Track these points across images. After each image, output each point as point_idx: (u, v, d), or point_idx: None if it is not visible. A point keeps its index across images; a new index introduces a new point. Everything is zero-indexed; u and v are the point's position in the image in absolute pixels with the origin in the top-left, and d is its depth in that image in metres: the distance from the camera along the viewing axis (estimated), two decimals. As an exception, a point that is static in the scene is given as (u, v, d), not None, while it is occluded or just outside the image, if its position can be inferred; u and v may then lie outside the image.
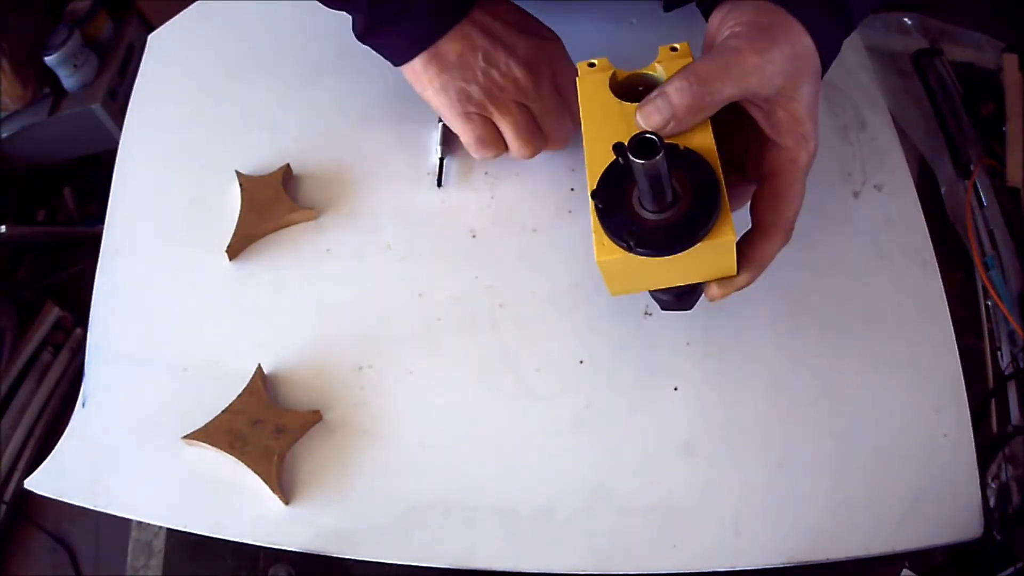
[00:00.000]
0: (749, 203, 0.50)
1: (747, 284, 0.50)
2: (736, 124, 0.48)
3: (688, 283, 0.49)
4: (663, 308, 0.54)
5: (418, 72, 0.57)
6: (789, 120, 0.46)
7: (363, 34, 0.57)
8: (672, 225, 0.43)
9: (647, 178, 0.41)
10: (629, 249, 0.43)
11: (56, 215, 1.55)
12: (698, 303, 0.54)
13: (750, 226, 0.49)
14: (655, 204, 0.43)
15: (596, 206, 0.44)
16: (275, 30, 0.76)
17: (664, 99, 0.44)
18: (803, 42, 0.46)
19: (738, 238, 0.45)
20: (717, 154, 0.45)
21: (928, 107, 0.79)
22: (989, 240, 0.71)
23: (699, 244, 0.43)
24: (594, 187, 0.45)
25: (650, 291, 0.52)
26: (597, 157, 0.46)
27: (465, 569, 0.52)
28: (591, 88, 0.49)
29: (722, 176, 0.44)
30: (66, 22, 1.48)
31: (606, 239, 0.44)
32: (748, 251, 0.49)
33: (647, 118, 0.45)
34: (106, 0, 1.57)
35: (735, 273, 0.48)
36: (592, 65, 0.50)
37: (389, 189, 0.66)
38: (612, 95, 0.48)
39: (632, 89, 0.48)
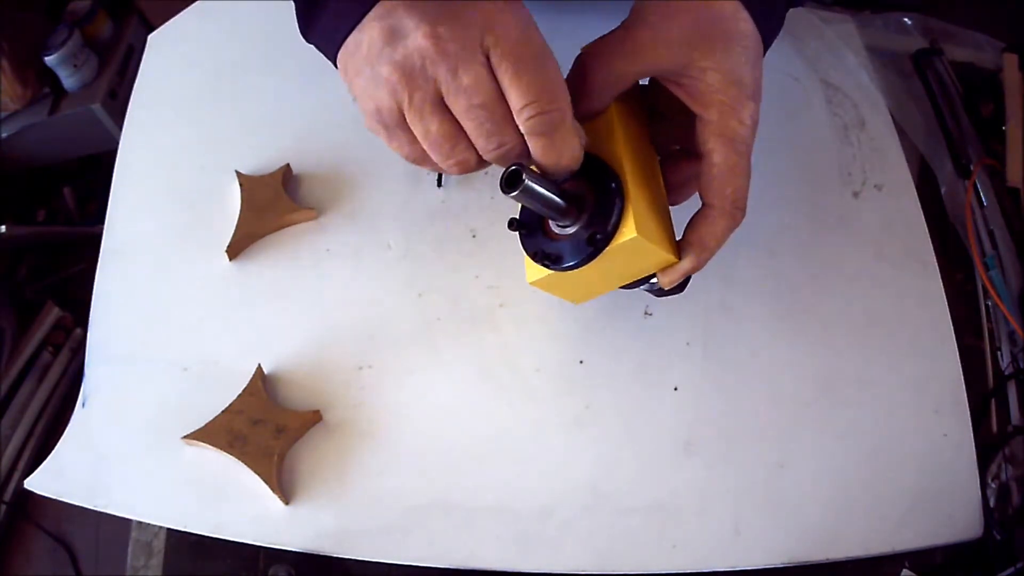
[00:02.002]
0: None
1: (693, 268, 0.47)
2: (673, 107, 0.46)
3: (636, 278, 0.49)
4: (657, 296, 0.54)
5: (345, 68, 0.45)
6: (709, 92, 0.44)
7: (303, 32, 0.48)
8: (580, 236, 0.44)
9: (531, 203, 0.42)
10: (548, 267, 0.45)
11: (56, 215, 1.55)
12: (699, 302, 0.54)
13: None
14: (560, 221, 0.44)
15: (519, 233, 0.46)
16: (275, 30, 0.76)
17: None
18: (715, 8, 0.43)
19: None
20: (626, 148, 0.45)
21: (928, 107, 0.78)
22: (989, 240, 0.71)
23: (607, 249, 0.43)
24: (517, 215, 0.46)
25: (634, 288, 0.52)
26: None
27: (465, 569, 0.52)
28: None
29: (631, 174, 0.44)
30: (66, 22, 1.48)
31: (532, 261, 0.46)
32: (688, 233, 0.47)
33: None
34: (106, 0, 1.57)
35: (675, 260, 0.47)
36: None
37: (389, 189, 0.66)
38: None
39: None
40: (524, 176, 0.39)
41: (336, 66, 0.46)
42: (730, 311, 0.59)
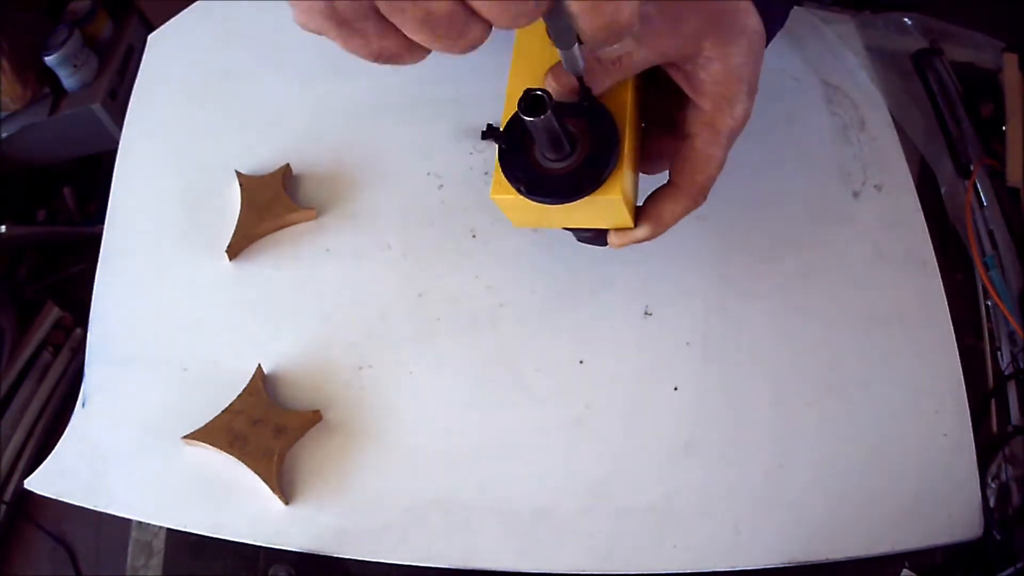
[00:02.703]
0: None
1: (645, 238, 0.49)
2: (671, 82, 0.47)
3: (586, 227, 0.50)
4: (578, 240, 0.54)
5: None
6: (709, 82, 0.45)
7: None
8: (565, 176, 0.44)
9: (538, 131, 0.42)
10: (520, 192, 0.45)
11: (56, 215, 1.55)
12: (699, 302, 0.54)
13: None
14: (551, 153, 0.44)
15: (499, 146, 0.45)
16: (275, 30, 0.76)
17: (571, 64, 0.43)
18: (727, 2, 0.44)
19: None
20: (631, 112, 0.45)
21: (928, 107, 0.78)
22: (989, 240, 0.71)
23: (587, 198, 0.44)
24: (503, 126, 0.46)
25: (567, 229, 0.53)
26: (515, 102, 0.43)
27: (465, 569, 0.52)
28: (528, 31, 0.47)
29: (629, 134, 0.44)
30: (66, 22, 1.48)
31: (503, 179, 0.45)
32: (649, 205, 0.48)
33: (558, 79, 0.44)
34: (106, 0, 1.57)
35: (631, 225, 0.49)
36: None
37: (389, 189, 0.66)
38: (547, 38, 0.46)
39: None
40: (548, 106, 0.40)
41: None
42: (730, 311, 0.59)
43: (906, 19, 0.84)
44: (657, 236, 0.49)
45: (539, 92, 0.40)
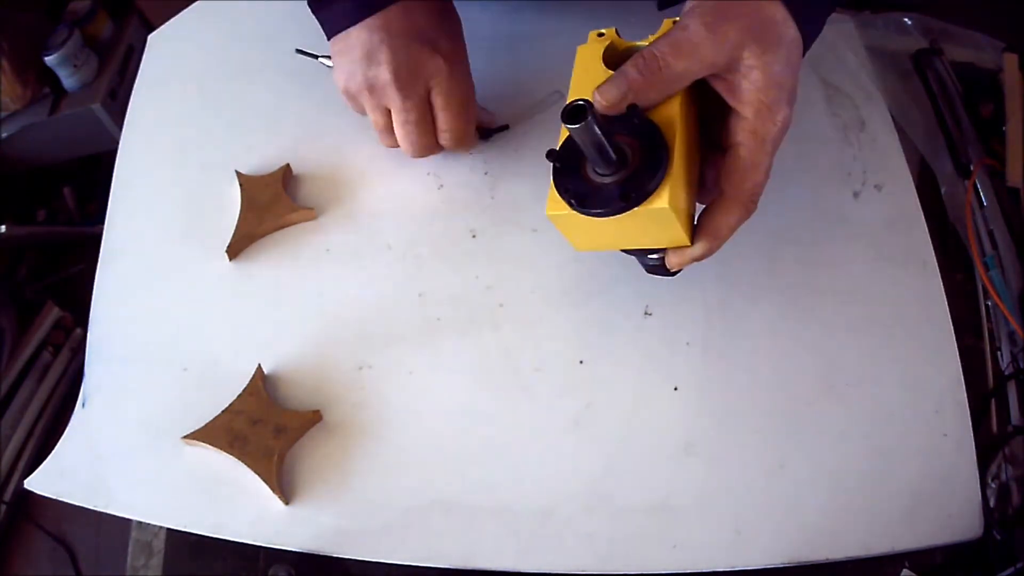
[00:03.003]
0: None
1: (703, 254, 0.50)
2: (712, 96, 0.48)
3: (643, 247, 0.51)
4: (647, 271, 0.55)
5: (335, 50, 0.61)
6: (751, 90, 0.46)
7: (311, 3, 0.61)
8: (615, 188, 0.45)
9: (584, 142, 0.43)
10: (571, 206, 0.46)
11: (56, 215, 1.55)
12: (699, 302, 0.54)
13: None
14: (601, 167, 0.45)
15: (553, 164, 0.47)
16: (275, 30, 0.76)
17: (620, 78, 0.46)
18: (767, 12, 0.46)
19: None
20: (681, 125, 0.46)
21: (928, 107, 0.78)
22: (989, 240, 0.71)
23: (636, 209, 0.44)
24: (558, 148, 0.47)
25: (635, 255, 0.54)
26: None
27: (465, 569, 0.52)
28: (587, 56, 0.51)
29: (679, 147, 0.45)
30: (66, 22, 1.48)
31: (557, 195, 0.47)
32: (704, 221, 0.49)
33: (604, 95, 0.46)
34: (106, 0, 1.57)
35: (687, 243, 0.49)
36: (601, 35, 0.52)
37: (389, 189, 0.66)
38: (602, 64, 0.50)
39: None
40: (589, 113, 0.41)
41: (327, 37, 0.62)
42: (730, 311, 0.59)
43: (906, 19, 0.84)
44: (714, 251, 0.50)
45: (580, 101, 0.41)
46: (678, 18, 0.49)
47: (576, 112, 0.41)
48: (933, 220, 0.64)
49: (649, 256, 0.53)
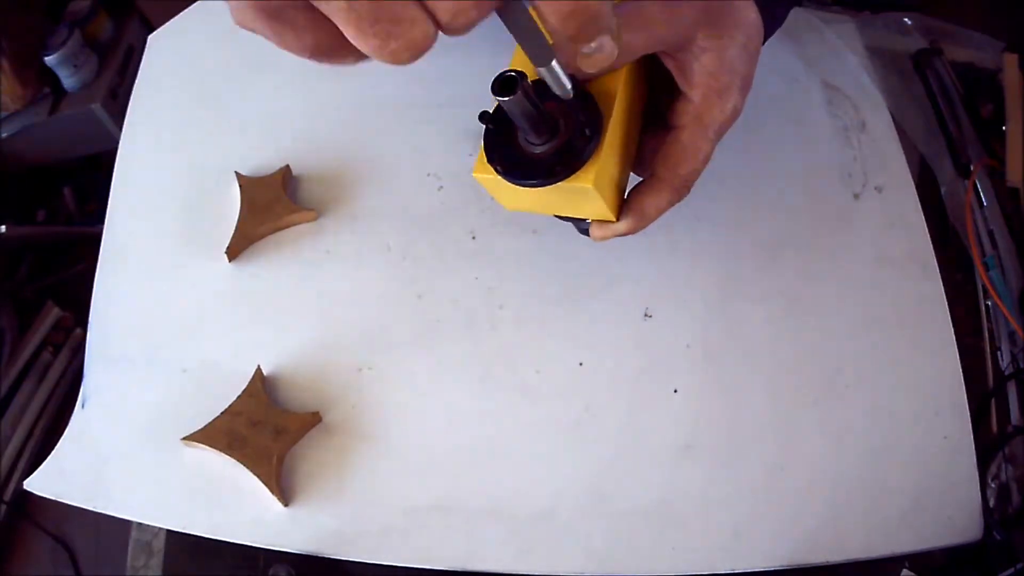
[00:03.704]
0: None
1: (626, 232, 0.48)
2: (663, 73, 0.47)
3: (569, 215, 0.50)
4: (580, 232, 0.54)
5: None
6: (701, 73, 0.44)
7: None
8: (541, 160, 0.44)
9: (515, 114, 0.42)
10: (497, 172, 0.45)
11: (56, 215, 1.55)
12: (699, 304, 0.54)
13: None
14: (532, 137, 0.44)
15: (486, 127, 0.45)
16: (275, 30, 0.76)
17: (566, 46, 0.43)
18: None
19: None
20: (621, 100, 0.45)
21: (928, 107, 0.78)
22: (989, 240, 0.71)
23: (559, 184, 0.43)
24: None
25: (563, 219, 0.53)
26: None
27: (464, 571, 0.52)
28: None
29: (615, 123, 0.44)
30: (66, 22, 1.47)
31: (485, 158, 0.45)
32: (632, 199, 0.48)
33: None
34: (106, 0, 1.57)
35: (612, 219, 0.48)
36: None
37: (389, 191, 0.66)
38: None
39: None
40: (519, 86, 0.39)
41: None
42: (730, 313, 0.59)
43: (906, 19, 0.84)
44: (639, 230, 0.48)
45: (512, 73, 0.39)
46: None
47: (507, 83, 0.40)
48: (933, 220, 0.64)
49: (583, 222, 0.52)
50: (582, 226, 0.53)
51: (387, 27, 0.28)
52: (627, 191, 0.49)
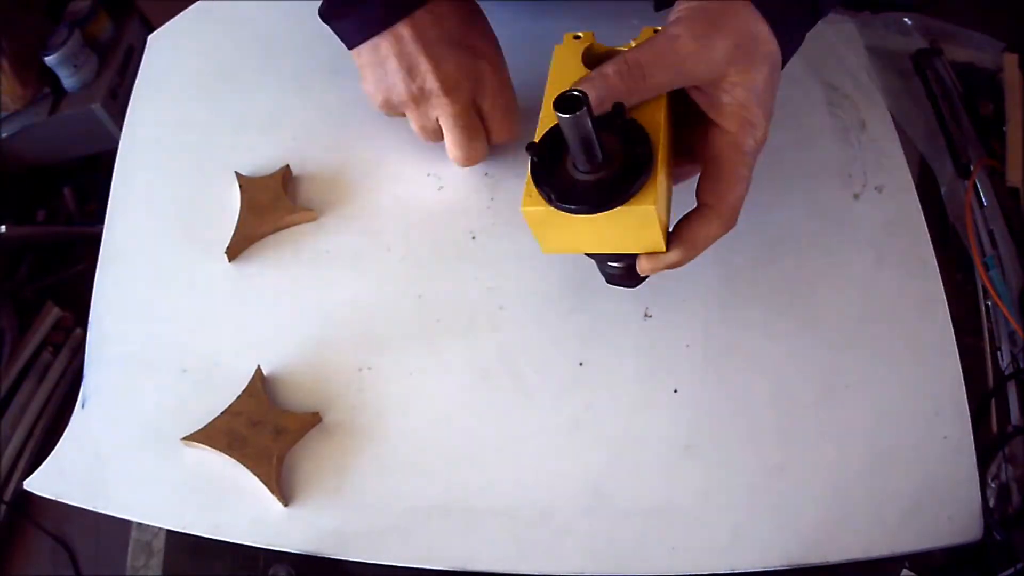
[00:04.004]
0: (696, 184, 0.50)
1: (677, 262, 0.49)
2: (687, 104, 0.48)
3: (617, 251, 0.50)
4: (608, 281, 0.55)
5: (361, 61, 0.59)
6: (733, 105, 0.46)
7: (324, 14, 0.58)
8: (596, 186, 0.44)
9: (572, 135, 0.42)
10: (550, 202, 0.44)
11: (56, 215, 1.55)
12: (699, 304, 0.54)
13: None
14: (584, 163, 0.44)
15: (531, 159, 0.46)
16: (275, 30, 0.76)
17: (599, 79, 0.45)
18: (754, 28, 0.45)
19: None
20: (665, 129, 0.46)
21: (928, 107, 0.79)
22: (989, 240, 0.71)
23: (618, 208, 0.43)
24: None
25: (597, 263, 0.53)
26: (548, 119, 0.47)
27: (464, 571, 0.52)
28: (565, 56, 0.51)
29: (663, 150, 0.45)
30: (66, 22, 1.47)
31: (534, 191, 0.45)
32: (682, 229, 0.49)
33: (588, 90, 0.44)
34: (106, 0, 1.57)
35: (663, 249, 0.48)
36: (577, 37, 0.51)
37: (389, 191, 0.66)
38: (581, 64, 0.50)
39: None
40: (584, 104, 0.40)
41: (347, 47, 0.59)
42: (730, 313, 0.59)
43: (906, 19, 0.84)
44: (689, 261, 0.50)
45: (576, 92, 0.40)
46: (659, 27, 0.48)
47: (570, 102, 0.40)
48: (933, 220, 0.64)
49: (610, 264, 0.52)
50: (612, 270, 0.53)
51: (463, 147, 0.62)
52: (672, 223, 0.50)
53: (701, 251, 0.49)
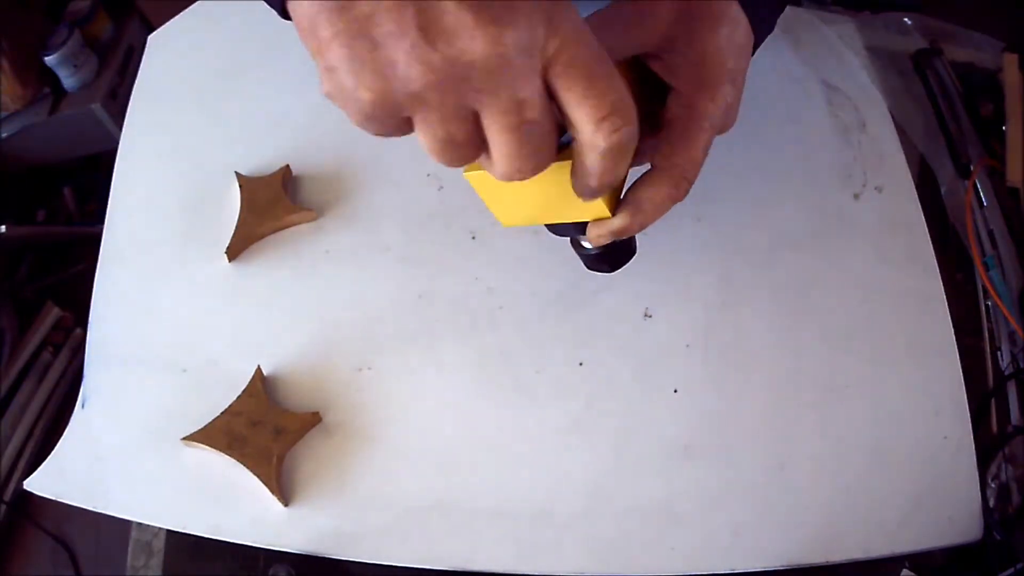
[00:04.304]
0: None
1: (623, 227, 0.45)
2: (656, 83, 0.46)
3: (566, 219, 0.47)
4: (586, 266, 0.52)
5: (322, 38, 0.34)
6: (685, 66, 0.44)
7: None
8: None
9: None
10: None
11: (56, 215, 1.55)
12: (699, 304, 0.54)
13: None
14: None
15: None
16: (275, 30, 0.76)
17: None
18: None
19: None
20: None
21: (928, 107, 0.78)
22: (989, 240, 0.71)
23: (556, 164, 0.39)
24: None
25: (573, 248, 0.51)
26: None
27: (464, 571, 0.52)
28: None
29: None
30: (66, 22, 1.47)
31: None
32: (629, 192, 0.46)
33: None
34: (106, 0, 1.57)
35: (608, 214, 0.45)
36: None
37: (389, 191, 0.66)
38: None
39: None
40: None
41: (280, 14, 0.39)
42: (730, 313, 0.59)
43: (906, 19, 0.84)
44: (637, 227, 0.46)
45: None
46: None
47: None
48: (933, 220, 0.64)
49: (583, 244, 0.50)
50: (588, 251, 0.50)
51: (459, 159, 0.36)
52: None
53: (652, 218, 0.45)
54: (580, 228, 0.48)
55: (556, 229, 0.50)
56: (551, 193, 0.45)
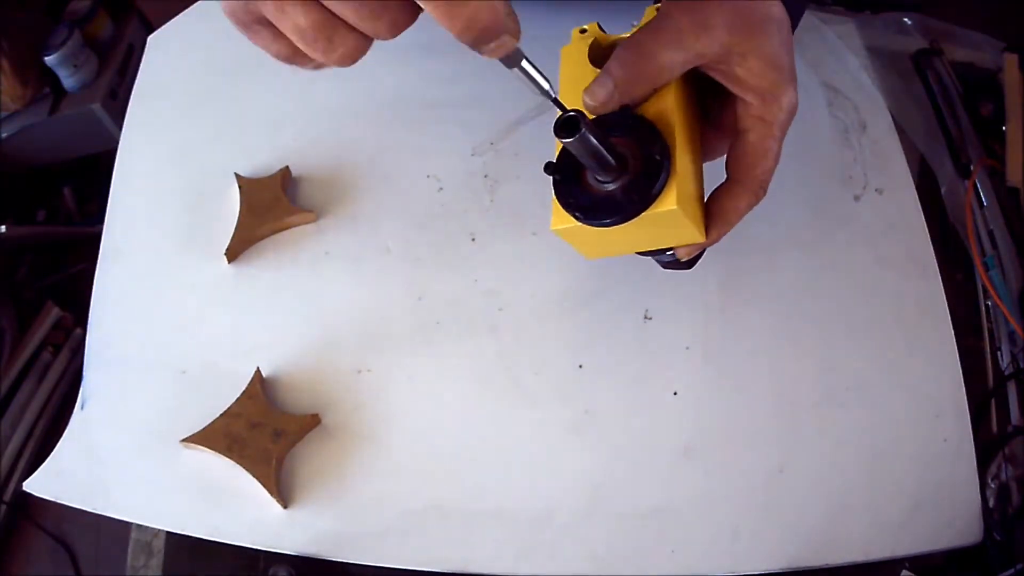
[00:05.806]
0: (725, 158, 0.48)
1: (712, 241, 0.48)
2: (708, 80, 0.47)
3: (658, 247, 0.48)
4: (663, 267, 0.53)
5: None
6: (748, 77, 0.44)
7: None
8: (619, 194, 0.43)
9: (581, 153, 0.41)
10: (577, 219, 0.44)
11: (56, 215, 1.55)
12: (699, 306, 0.54)
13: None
14: (601, 175, 0.43)
15: (553, 178, 0.45)
16: (274, 31, 0.75)
17: (605, 75, 0.44)
18: None
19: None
20: (680, 116, 0.44)
21: (928, 107, 0.78)
22: (989, 240, 0.71)
23: (644, 214, 0.43)
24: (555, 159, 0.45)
25: (647, 255, 0.51)
26: None
27: (463, 573, 0.52)
28: (572, 57, 0.49)
29: (679, 141, 0.44)
30: (66, 22, 1.47)
31: (561, 209, 0.45)
32: (712, 206, 0.47)
33: (592, 96, 0.44)
34: (106, 0, 1.56)
35: (701, 240, 0.47)
36: (584, 31, 0.50)
37: (389, 192, 0.66)
38: (589, 64, 0.48)
39: None
40: (582, 124, 0.39)
41: None
42: (730, 315, 0.59)
43: (906, 19, 0.84)
44: (722, 237, 0.48)
45: (571, 113, 0.39)
46: (660, 4, 0.46)
47: (568, 124, 0.39)
48: (933, 220, 0.64)
49: (666, 252, 0.50)
50: (667, 258, 0.51)
51: (326, 43, 0.37)
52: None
53: (733, 226, 0.48)
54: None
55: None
56: (641, 238, 0.46)
